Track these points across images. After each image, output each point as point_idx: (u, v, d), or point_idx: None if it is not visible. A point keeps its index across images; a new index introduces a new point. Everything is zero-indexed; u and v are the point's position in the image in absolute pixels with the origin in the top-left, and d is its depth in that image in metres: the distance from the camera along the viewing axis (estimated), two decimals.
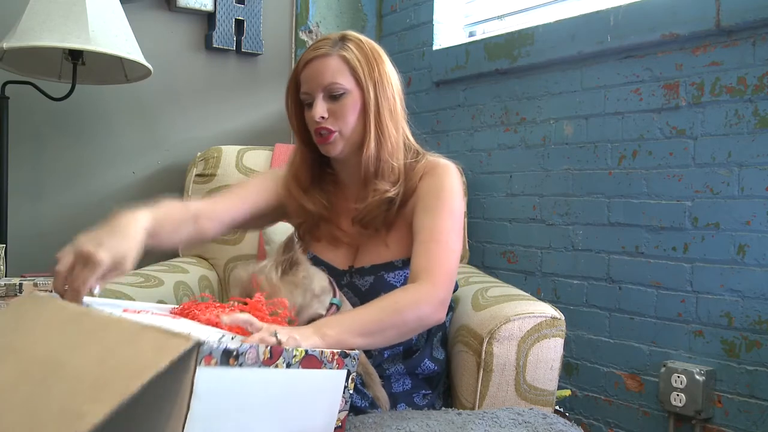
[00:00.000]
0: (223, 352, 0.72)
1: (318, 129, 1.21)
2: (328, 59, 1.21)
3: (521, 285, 1.89)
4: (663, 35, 1.61)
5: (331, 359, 0.88)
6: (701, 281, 1.57)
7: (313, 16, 2.46)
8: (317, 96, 1.21)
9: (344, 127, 1.21)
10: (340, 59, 1.21)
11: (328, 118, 1.20)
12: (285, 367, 0.81)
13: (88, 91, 1.97)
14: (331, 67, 1.20)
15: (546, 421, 1.08)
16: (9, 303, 0.91)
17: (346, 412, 0.92)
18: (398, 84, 1.28)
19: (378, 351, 1.27)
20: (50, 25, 1.58)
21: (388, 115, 1.24)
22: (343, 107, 1.20)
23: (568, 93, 1.87)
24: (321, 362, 0.86)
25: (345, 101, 1.20)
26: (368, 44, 1.24)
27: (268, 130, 2.35)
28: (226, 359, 0.73)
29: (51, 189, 1.99)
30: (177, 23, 2.18)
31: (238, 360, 0.75)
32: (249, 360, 0.76)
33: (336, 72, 1.20)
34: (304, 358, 0.84)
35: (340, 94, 1.20)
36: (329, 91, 1.20)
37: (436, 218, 1.20)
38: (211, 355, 0.71)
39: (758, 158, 1.47)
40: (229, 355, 0.73)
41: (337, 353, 0.89)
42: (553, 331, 1.29)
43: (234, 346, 0.74)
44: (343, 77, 1.20)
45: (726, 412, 1.52)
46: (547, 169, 1.92)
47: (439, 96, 2.29)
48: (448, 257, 1.16)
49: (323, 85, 1.20)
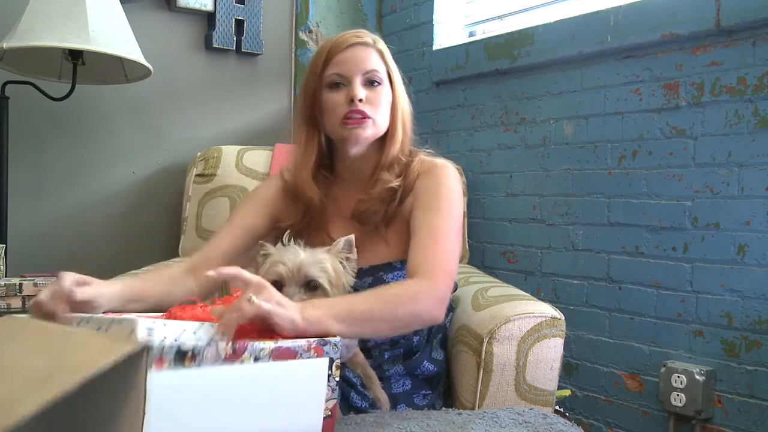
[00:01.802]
0: (176, 354, 0.72)
1: (354, 111, 1.19)
2: (370, 49, 1.23)
3: (521, 285, 1.89)
4: (663, 35, 1.61)
5: (307, 348, 0.85)
6: (701, 281, 1.57)
7: (313, 16, 2.46)
8: (355, 79, 1.20)
9: (378, 115, 1.22)
10: (378, 53, 1.24)
11: (365, 102, 1.21)
12: (253, 361, 0.79)
13: (88, 91, 1.97)
14: (373, 56, 1.23)
15: (546, 421, 1.08)
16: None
17: (335, 401, 0.90)
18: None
19: (378, 352, 1.27)
20: (50, 25, 1.58)
21: (408, 117, 1.29)
22: (379, 96, 1.22)
23: (568, 93, 1.87)
24: (295, 353, 0.84)
25: (381, 91, 1.23)
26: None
27: (268, 130, 2.35)
28: (181, 360, 0.72)
29: (51, 189, 1.99)
30: (177, 23, 2.18)
31: (195, 360, 0.74)
32: (208, 359, 0.75)
33: (377, 62, 1.23)
34: (275, 350, 0.82)
35: (378, 83, 1.22)
36: (369, 78, 1.22)
37: (435, 217, 1.19)
38: (161, 358, 0.70)
39: (758, 158, 1.47)
40: (184, 356, 0.73)
41: (314, 341, 0.86)
42: (553, 331, 1.29)
43: (188, 346, 0.73)
44: (382, 69, 1.23)
45: (726, 412, 1.52)
46: (547, 169, 1.92)
47: (439, 96, 2.29)
48: (446, 256, 1.15)
49: (365, 70, 1.21)
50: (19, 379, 0.68)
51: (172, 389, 0.73)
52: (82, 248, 1.97)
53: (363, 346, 1.24)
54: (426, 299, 1.07)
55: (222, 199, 1.92)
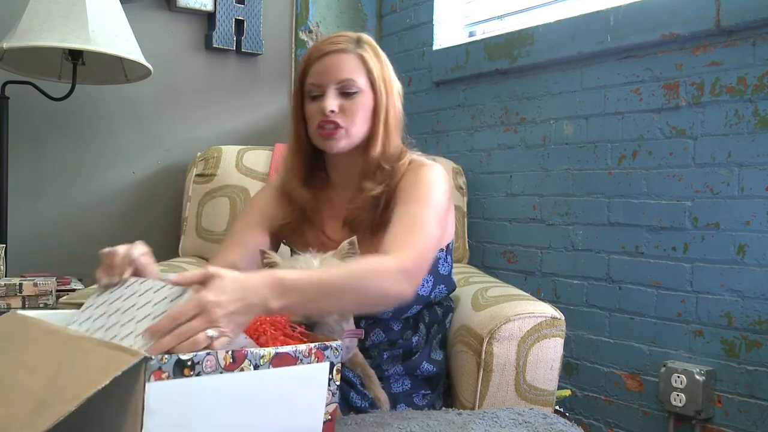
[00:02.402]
0: (175, 365, 0.72)
1: (324, 122, 1.19)
2: (347, 55, 1.20)
3: (521, 285, 1.89)
4: (663, 35, 1.61)
5: (308, 354, 0.85)
6: (701, 281, 1.57)
7: (313, 16, 2.46)
8: (329, 89, 1.19)
9: (352, 125, 1.20)
10: (358, 58, 1.20)
11: (338, 113, 1.19)
12: (252, 369, 0.79)
13: (88, 91, 1.97)
14: (349, 63, 1.20)
15: (546, 421, 1.08)
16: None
17: (335, 405, 0.90)
18: (400, 90, 1.28)
19: (377, 352, 1.27)
20: (50, 25, 1.58)
21: (393, 122, 1.24)
22: (355, 105, 1.19)
23: (568, 93, 1.87)
24: (296, 359, 0.84)
25: (357, 100, 1.20)
26: (380, 50, 1.25)
27: (268, 130, 2.35)
28: (180, 371, 0.73)
29: (51, 189, 1.99)
30: (177, 23, 2.18)
31: (194, 370, 0.74)
32: (208, 368, 0.75)
33: (353, 69, 1.20)
34: (275, 357, 0.82)
35: (353, 92, 1.19)
36: (343, 87, 1.19)
37: (412, 206, 1.16)
38: (161, 369, 0.71)
39: (758, 158, 1.47)
40: (183, 366, 0.73)
41: (314, 347, 0.86)
42: (553, 331, 1.29)
43: (187, 356, 0.73)
44: (359, 76, 1.20)
45: (726, 412, 1.52)
46: (547, 169, 1.92)
47: (439, 96, 2.29)
48: (421, 236, 1.10)
49: (338, 80, 1.19)
50: (17, 401, 0.69)
51: (171, 400, 0.72)
52: (82, 248, 1.97)
53: (362, 346, 1.25)
54: (392, 273, 1.02)
55: (222, 199, 1.92)
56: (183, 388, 0.73)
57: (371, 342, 1.26)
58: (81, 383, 0.68)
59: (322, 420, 0.89)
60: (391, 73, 1.26)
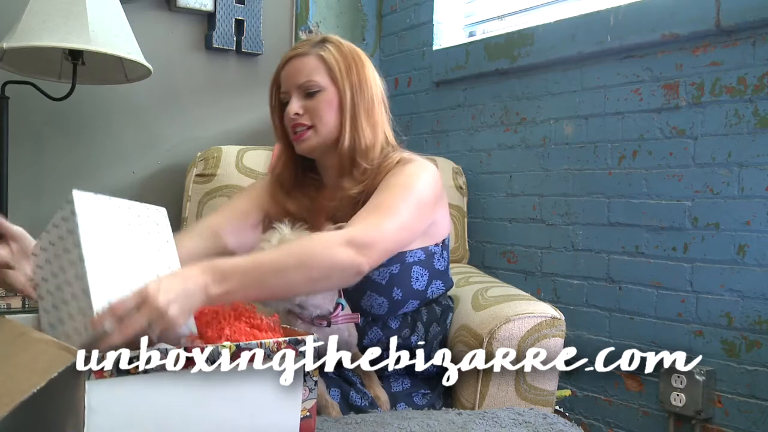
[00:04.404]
0: (116, 363, 0.71)
1: (294, 126, 1.24)
2: (306, 58, 1.24)
3: (521, 285, 1.89)
4: (663, 35, 1.61)
5: (276, 348, 0.83)
6: (701, 281, 1.57)
7: (313, 16, 2.46)
8: (293, 94, 1.24)
9: (319, 123, 1.23)
10: (317, 58, 1.24)
11: (303, 114, 1.23)
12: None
13: (88, 91, 1.96)
14: (308, 65, 1.23)
15: (546, 421, 1.08)
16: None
17: (313, 401, 0.88)
18: (380, 88, 1.29)
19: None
20: (50, 25, 1.58)
21: (364, 116, 1.24)
22: (318, 104, 1.22)
23: (568, 93, 1.87)
24: (263, 353, 0.82)
25: (320, 98, 1.23)
26: (348, 47, 1.27)
27: (268, 130, 2.30)
28: (125, 370, 0.71)
29: (51, 189, 1.99)
30: (177, 23, 2.18)
31: (139, 367, 0.72)
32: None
33: (312, 70, 1.23)
34: (236, 352, 0.79)
35: (315, 91, 1.22)
36: (305, 89, 1.23)
37: (385, 193, 1.16)
38: (102, 368, 0.70)
39: (758, 158, 1.47)
40: (127, 364, 0.72)
41: (284, 341, 0.84)
42: (553, 331, 1.29)
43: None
44: (319, 75, 1.23)
45: (726, 412, 1.52)
46: (547, 169, 1.92)
47: (439, 96, 2.29)
48: (386, 216, 1.09)
49: (299, 83, 1.23)
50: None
51: (115, 398, 0.71)
52: None
53: (361, 345, 1.25)
54: (337, 242, 1.01)
55: (222, 199, 1.92)
56: (128, 386, 0.72)
57: (369, 340, 1.26)
58: (20, 387, 0.67)
59: (298, 417, 0.87)
60: (366, 69, 1.26)
